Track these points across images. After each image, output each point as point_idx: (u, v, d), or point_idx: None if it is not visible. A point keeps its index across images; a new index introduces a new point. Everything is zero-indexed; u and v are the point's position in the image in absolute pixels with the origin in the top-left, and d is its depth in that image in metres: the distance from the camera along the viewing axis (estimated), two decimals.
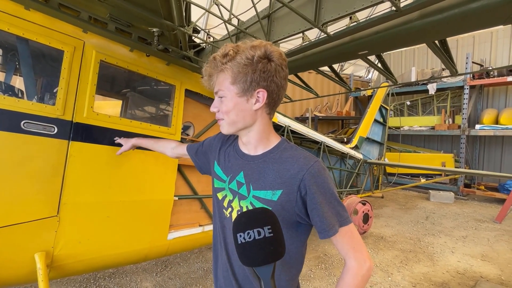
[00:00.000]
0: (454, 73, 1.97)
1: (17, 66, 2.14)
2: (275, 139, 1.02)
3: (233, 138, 1.13)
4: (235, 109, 0.94)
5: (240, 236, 0.75)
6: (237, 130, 0.99)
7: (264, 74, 0.90)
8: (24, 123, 1.69)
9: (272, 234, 0.74)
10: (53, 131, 1.80)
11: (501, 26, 1.43)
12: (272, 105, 0.97)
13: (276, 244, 0.75)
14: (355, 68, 11.15)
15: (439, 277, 3.47)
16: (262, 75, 0.90)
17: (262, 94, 0.92)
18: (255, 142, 1.00)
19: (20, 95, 1.98)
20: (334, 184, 1.00)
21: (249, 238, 0.74)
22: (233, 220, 0.98)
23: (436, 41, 1.74)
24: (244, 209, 0.98)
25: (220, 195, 1.06)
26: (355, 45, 1.76)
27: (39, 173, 1.76)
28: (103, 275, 3.31)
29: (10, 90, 2.02)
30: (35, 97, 1.91)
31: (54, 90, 1.88)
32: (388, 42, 1.72)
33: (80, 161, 1.91)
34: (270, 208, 0.91)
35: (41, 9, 1.75)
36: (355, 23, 1.61)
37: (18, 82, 2.10)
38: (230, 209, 1.01)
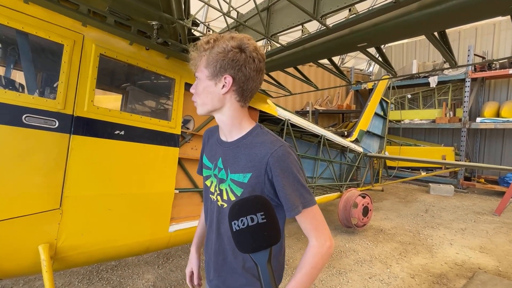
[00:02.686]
0: (453, 65, 1.96)
1: (17, 60, 2.14)
2: (248, 126, 1.08)
3: (216, 130, 1.20)
4: (205, 91, 1.03)
5: (235, 223, 0.77)
6: (208, 112, 1.07)
7: (233, 62, 0.97)
8: (26, 117, 1.71)
9: (265, 220, 0.76)
10: (54, 125, 1.81)
11: (504, 18, 1.42)
12: (240, 92, 1.03)
13: (270, 230, 0.78)
14: (356, 61, 11.08)
15: (437, 269, 3.52)
16: (230, 62, 0.97)
17: (228, 80, 0.99)
18: (229, 127, 1.07)
19: (20, 90, 1.99)
20: (300, 167, 1.04)
21: (243, 225, 0.76)
22: (218, 203, 1.09)
23: (436, 33, 1.73)
24: (223, 192, 1.06)
25: (208, 182, 1.15)
26: (354, 37, 1.75)
27: (41, 166, 1.78)
28: (105, 268, 3.36)
29: (11, 84, 2.03)
30: (36, 91, 1.92)
31: (55, 84, 1.89)
32: (387, 34, 1.71)
33: (81, 155, 1.93)
34: (242, 190, 1.00)
35: (40, 3, 1.75)
36: (354, 15, 1.60)
37: (18, 76, 2.11)
38: (215, 193, 1.11)
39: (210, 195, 1.14)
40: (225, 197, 1.06)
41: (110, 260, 3.02)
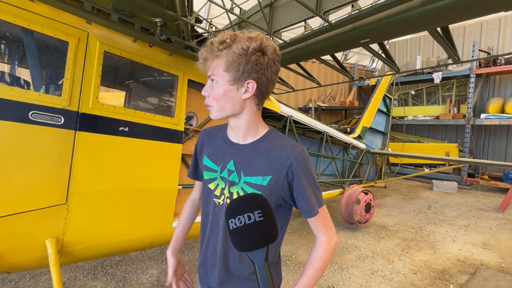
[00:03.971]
0: (456, 61, 1.96)
1: (24, 57, 2.17)
2: (263, 129, 1.06)
3: (217, 131, 1.16)
4: (225, 96, 0.97)
5: (232, 222, 0.77)
6: (225, 117, 1.02)
7: (256, 66, 0.93)
8: (32, 113, 1.73)
9: (262, 218, 0.76)
10: (60, 122, 1.84)
11: (510, 13, 1.41)
12: (260, 96, 1.01)
13: (267, 228, 0.77)
14: (359, 57, 11.00)
15: (439, 265, 3.53)
16: (254, 67, 0.93)
17: (252, 85, 0.96)
18: (244, 131, 1.04)
19: (27, 87, 2.02)
20: (314, 169, 1.08)
21: (240, 223, 0.75)
22: (226, 206, 1.04)
23: (439, 29, 1.73)
24: (234, 195, 1.03)
25: (212, 185, 1.10)
26: (357, 33, 1.75)
27: (47, 162, 1.82)
28: (110, 263, 3.41)
29: (17, 82, 2.06)
30: (42, 88, 1.95)
31: (60, 81, 1.91)
32: (390, 30, 1.71)
33: (86, 151, 1.95)
34: (260, 193, 0.97)
35: (45, 0, 1.77)
36: (357, 11, 1.60)
37: (24, 73, 2.14)
38: (223, 196, 1.06)
39: (214, 199, 1.08)
40: None
41: (115, 255, 3.07)
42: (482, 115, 7.50)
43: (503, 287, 2.99)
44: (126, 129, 2.14)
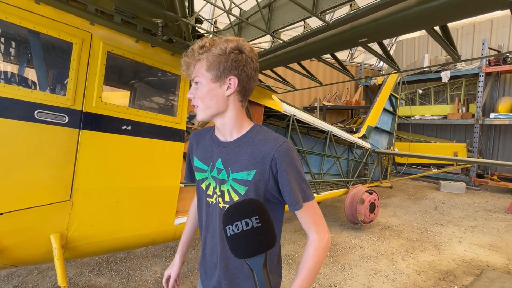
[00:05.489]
0: (456, 59, 1.94)
1: (30, 58, 2.24)
2: (247, 125, 1.09)
3: (206, 132, 1.19)
4: (209, 94, 1.01)
5: (229, 228, 0.76)
6: (211, 116, 1.05)
7: (236, 63, 0.98)
8: (38, 112, 1.79)
9: (260, 224, 0.75)
10: (65, 120, 1.89)
11: None
12: (243, 93, 1.04)
13: (265, 234, 0.76)
14: (365, 56, 10.90)
15: (444, 266, 3.49)
16: (233, 63, 0.98)
17: (233, 81, 1.00)
18: (230, 128, 1.07)
19: (33, 87, 2.09)
20: (301, 163, 1.08)
21: (238, 229, 0.75)
22: (219, 205, 1.05)
23: (438, 28, 1.72)
24: (225, 193, 1.04)
25: (204, 185, 1.12)
26: (355, 32, 1.76)
27: (52, 160, 1.87)
28: (114, 260, 3.48)
29: (24, 82, 2.13)
30: (47, 88, 2.01)
31: (65, 81, 1.97)
32: (387, 29, 1.71)
33: (90, 149, 2.01)
34: (247, 188, 0.99)
35: (50, 3, 1.82)
36: (354, 10, 1.61)
37: (30, 74, 2.20)
38: (215, 195, 1.08)
39: (208, 199, 1.10)
40: (227, 198, 1.04)
41: (118, 251, 3.13)
42: (492, 115, 7.35)
43: None
44: (129, 127, 2.18)
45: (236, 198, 1.02)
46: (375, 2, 1.45)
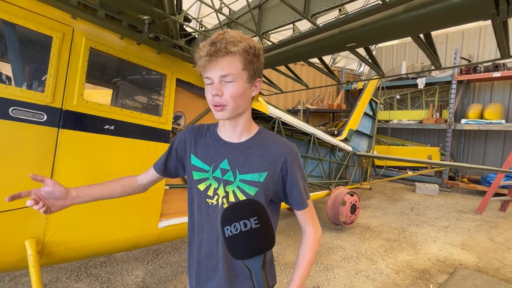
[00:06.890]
0: (437, 66, 2.03)
1: (4, 51, 2.10)
2: (255, 127, 1.10)
3: (204, 129, 1.13)
4: (243, 95, 0.98)
5: (227, 229, 0.75)
6: (235, 116, 1.00)
7: (261, 66, 1.01)
8: (13, 109, 1.68)
9: (258, 225, 0.75)
10: (43, 119, 1.79)
11: (490, 22, 1.49)
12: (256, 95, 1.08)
13: (263, 235, 0.76)
14: (347, 61, 11.20)
15: (420, 265, 3.63)
16: (260, 66, 1.01)
17: (259, 84, 1.03)
18: (241, 129, 1.06)
19: (7, 82, 1.96)
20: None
21: (236, 230, 0.74)
22: (223, 206, 1.01)
23: (422, 36, 1.79)
24: (230, 194, 1.02)
25: (202, 186, 1.07)
26: (344, 37, 1.80)
27: (28, 160, 1.76)
28: (94, 264, 3.33)
29: None
30: (24, 84, 1.89)
31: (43, 77, 1.86)
32: (375, 35, 1.76)
33: (70, 149, 1.91)
34: (257, 189, 0.99)
35: None
36: (344, 15, 1.64)
37: (4, 68, 2.07)
38: (216, 196, 1.04)
39: (207, 199, 1.05)
40: (232, 199, 1.01)
41: (99, 256, 3.00)
42: (463, 120, 7.77)
43: (480, 286, 3.10)
44: (112, 127, 2.10)
45: (243, 198, 1.01)
46: (365, 8, 1.49)
